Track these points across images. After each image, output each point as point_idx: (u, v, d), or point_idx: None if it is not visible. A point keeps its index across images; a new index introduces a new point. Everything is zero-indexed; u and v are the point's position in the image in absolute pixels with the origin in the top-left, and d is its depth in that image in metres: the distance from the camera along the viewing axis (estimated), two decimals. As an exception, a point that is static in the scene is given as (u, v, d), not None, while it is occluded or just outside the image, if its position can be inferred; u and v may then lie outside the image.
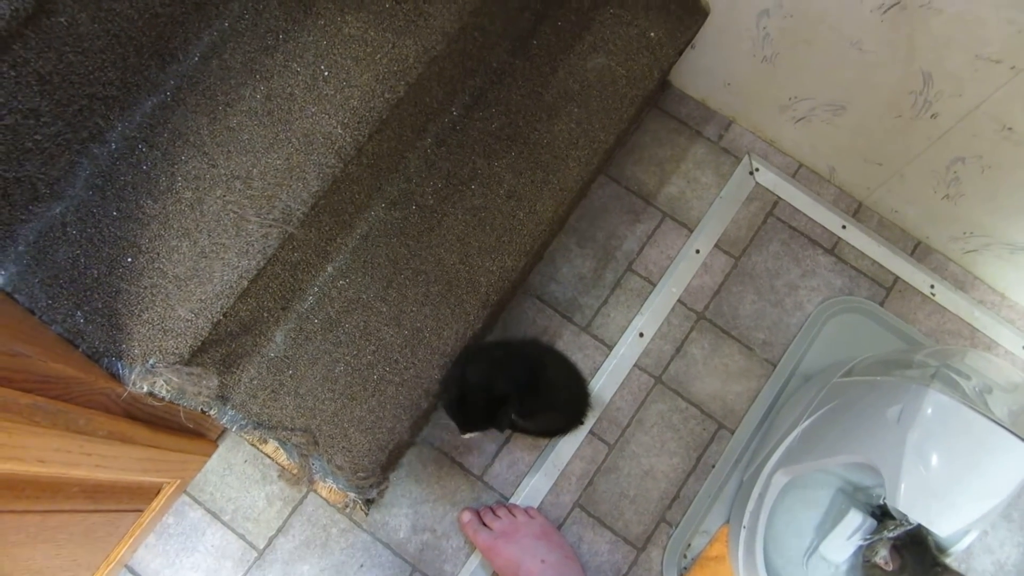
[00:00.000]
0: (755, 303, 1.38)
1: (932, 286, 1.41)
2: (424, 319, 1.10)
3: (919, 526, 1.02)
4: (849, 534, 1.13)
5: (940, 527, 0.98)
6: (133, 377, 0.85)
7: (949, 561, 1.08)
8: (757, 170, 1.45)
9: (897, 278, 1.41)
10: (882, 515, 1.13)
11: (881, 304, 1.39)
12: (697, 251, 1.40)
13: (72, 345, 0.85)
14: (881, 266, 1.41)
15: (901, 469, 0.99)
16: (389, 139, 1.04)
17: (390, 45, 0.98)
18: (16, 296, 0.85)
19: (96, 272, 0.87)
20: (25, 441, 0.69)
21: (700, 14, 1.26)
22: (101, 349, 0.85)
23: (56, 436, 0.74)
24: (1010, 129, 1.06)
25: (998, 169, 1.14)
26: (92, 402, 0.83)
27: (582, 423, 1.26)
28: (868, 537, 1.12)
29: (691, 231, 1.41)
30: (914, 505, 0.98)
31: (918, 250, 1.44)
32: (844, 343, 1.36)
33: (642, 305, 1.37)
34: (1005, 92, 1.02)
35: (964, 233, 1.33)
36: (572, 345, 1.34)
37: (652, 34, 1.24)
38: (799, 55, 1.21)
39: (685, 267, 1.39)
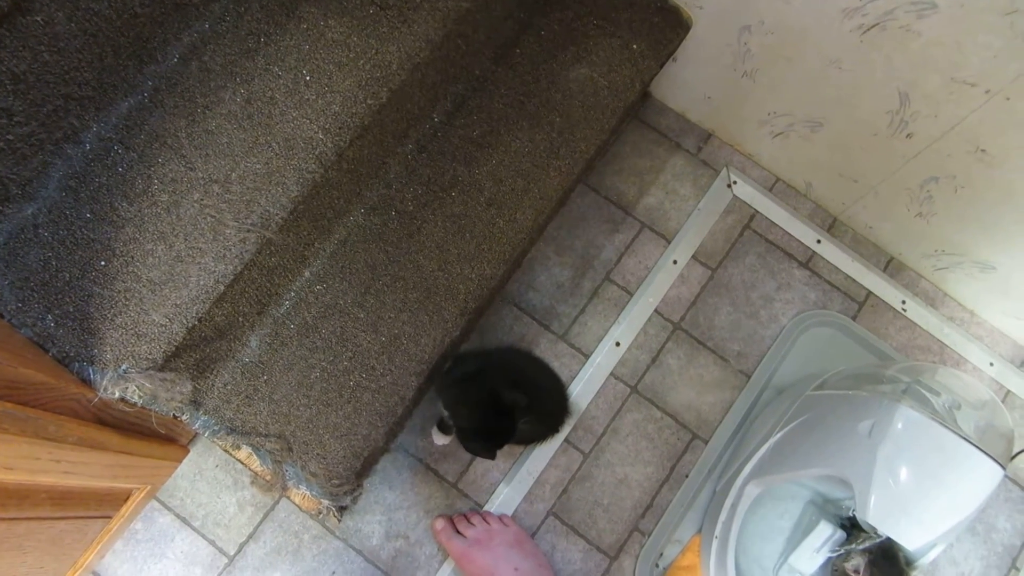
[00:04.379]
0: (731, 315, 1.40)
1: (904, 302, 1.43)
2: (402, 326, 1.09)
3: (889, 539, 1.03)
4: (819, 546, 1.14)
5: (908, 540, 0.99)
6: (105, 382, 0.83)
7: (915, 574, 1.09)
8: (735, 183, 1.46)
9: (870, 293, 1.43)
10: (851, 527, 1.14)
11: (854, 318, 1.41)
12: (674, 262, 1.41)
13: (42, 349, 0.83)
14: (854, 281, 1.43)
15: (871, 483, 1.00)
16: (370, 145, 1.04)
17: (373, 51, 0.97)
18: (-15, 299, 0.83)
19: (68, 275, 0.85)
20: (-8, 448, 0.67)
21: (682, 27, 1.27)
22: (72, 354, 0.84)
23: (25, 443, 0.72)
24: (983, 151, 1.08)
25: (971, 189, 1.16)
26: (62, 408, 0.81)
27: (558, 431, 1.26)
28: (837, 549, 1.14)
29: (669, 242, 1.42)
30: (884, 518, 0.99)
31: (891, 266, 1.46)
32: (817, 356, 1.38)
33: (619, 314, 1.37)
34: (979, 115, 1.03)
35: (936, 251, 1.36)
36: (549, 353, 1.34)
37: (634, 46, 1.24)
38: (779, 71, 1.22)
39: (662, 278, 1.40)
